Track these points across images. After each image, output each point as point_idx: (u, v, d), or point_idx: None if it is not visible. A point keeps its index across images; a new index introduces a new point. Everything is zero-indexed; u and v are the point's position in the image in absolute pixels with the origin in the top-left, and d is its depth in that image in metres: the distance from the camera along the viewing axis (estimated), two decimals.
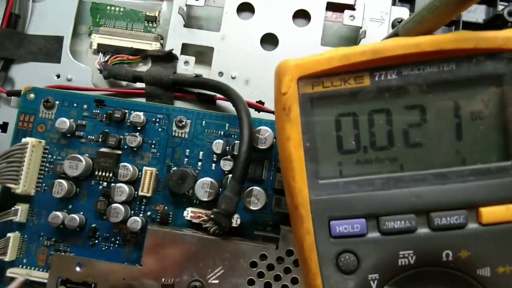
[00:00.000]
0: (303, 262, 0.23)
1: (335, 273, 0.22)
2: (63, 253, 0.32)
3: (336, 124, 0.23)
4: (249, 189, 0.31)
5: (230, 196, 0.29)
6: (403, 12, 0.36)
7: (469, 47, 0.21)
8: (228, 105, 0.36)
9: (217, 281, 0.29)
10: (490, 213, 0.20)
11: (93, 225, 0.33)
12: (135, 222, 0.32)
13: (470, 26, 0.37)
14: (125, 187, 0.32)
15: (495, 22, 0.36)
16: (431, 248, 0.21)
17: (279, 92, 0.23)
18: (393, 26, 0.36)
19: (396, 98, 0.22)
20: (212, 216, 0.29)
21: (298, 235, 0.23)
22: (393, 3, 0.37)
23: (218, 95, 0.35)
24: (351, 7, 0.36)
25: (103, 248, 0.33)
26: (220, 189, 0.32)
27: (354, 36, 0.37)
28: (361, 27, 0.35)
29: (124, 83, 0.38)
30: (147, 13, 0.39)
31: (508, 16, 0.36)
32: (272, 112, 0.35)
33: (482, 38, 0.21)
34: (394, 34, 0.24)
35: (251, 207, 0.31)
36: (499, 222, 0.20)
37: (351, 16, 0.35)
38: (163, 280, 0.29)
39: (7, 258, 0.32)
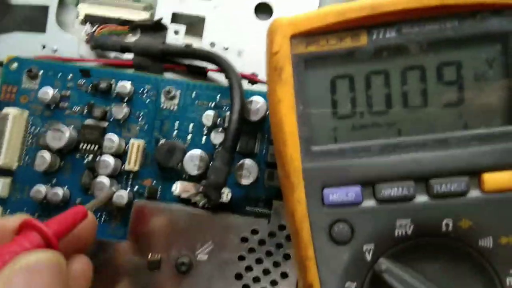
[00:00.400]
0: (295, 234, 0.22)
1: (328, 243, 0.21)
2: None
3: (331, 86, 0.22)
4: (240, 162, 0.30)
5: (219, 167, 0.27)
6: None
7: (473, 2, 0.19)
8: (219, 77, 0.34)
9: (206, 257, 0.28)
10: (493, 180, 0.19)
11: (78, 200, 0.32)
12: (121, 196, 0.30)
13: None
14: (111, 160, 0.31)
15: None
16: (430, 217, 0.20)
17: (271, 51, 0.22)
18: None
19: (395, 58, 0.21)
20: (200, 189, 0.28)
21: (289, 205, 0.22)
22: None
23: (210, 67, 0.34)
24: None
25: None
26: (210, 163, 0.31)
27: None
28: None
29: (112, 54, 0.36)
30: None
31: None
32: (266, 83, 0.33)
33: None
34: None
35: (243, 181, 0.30)
36: (503, 189, 0.19)
37: None
38: (149, 255, 0.28)
39: None
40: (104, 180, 0.30)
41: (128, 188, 0.32)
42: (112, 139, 0.31)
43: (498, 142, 0.19)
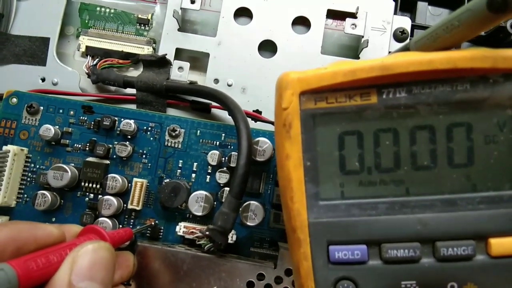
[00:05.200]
0: (300, 287, 0.22)
1: None
2: None
3: (339, 142, 0.22)
4: (246, 203, 0.30)
5: (227, 212, 0.27)
6: (405, 22, 0.35)
7: (486, 67, 0.20)
8: (223, 114, 0.34)
9: None
10: (501, 245, 0.19)
11: None
12: None
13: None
14: (113, 200, 0.30)
15: (497, 35, 0.35)
16: (435, 280, 0.20)
17: (280, 107, 0.22)
18: (395, 35, 0.35)
19: (404, 118, 0.21)
20: (207, 233, 0.28)
21: (295, 259, 0.22)
22: (395, 12, 0.36)
23: (214, 103, 0.34)
24: (353, 15, 0.35)
25: None
26: (215, 203, 0.31)
27: (355, 45, 0.36)
28: (362, 36, 0.34)
29: (113, 88, 0.36)
30: (139, 16, 0.37)
31: (511, 29, 0.35)
32: (271, 123, 0.33)
33: (500, 57, 0.19)
34: (405, 49, 0.22)
35: (248, 223, 0.30)
36: (510, 254, 0.19)
37: (353, 24, 0.34)
38: None
39: None
40: (106, 219, 0.30)
41: (130, 227, 0.31)
42: (116, 178, 0.30)
43: (506, 206, 0.20)
